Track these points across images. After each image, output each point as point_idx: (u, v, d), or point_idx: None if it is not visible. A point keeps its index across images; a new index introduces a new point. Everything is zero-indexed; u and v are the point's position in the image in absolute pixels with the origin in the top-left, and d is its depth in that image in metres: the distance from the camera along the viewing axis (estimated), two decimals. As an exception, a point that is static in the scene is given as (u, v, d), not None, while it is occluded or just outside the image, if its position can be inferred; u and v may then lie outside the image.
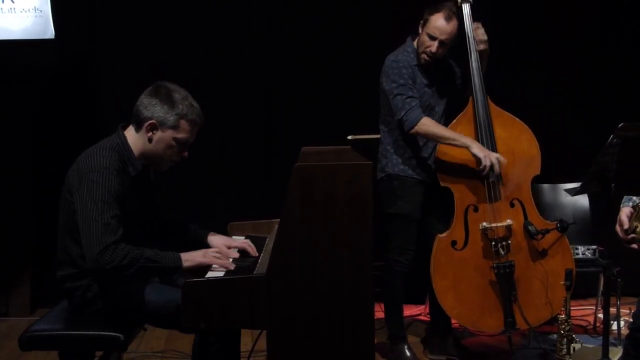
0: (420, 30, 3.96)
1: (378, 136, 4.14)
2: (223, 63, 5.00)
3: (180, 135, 2.88)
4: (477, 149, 3.78)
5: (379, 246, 2.76)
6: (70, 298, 2.96)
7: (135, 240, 2.80)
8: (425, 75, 3.98)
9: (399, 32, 4.10)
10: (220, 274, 2.81)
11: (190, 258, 2.84)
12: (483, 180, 3.85)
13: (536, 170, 3.95)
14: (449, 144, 3.83)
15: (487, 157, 3.77)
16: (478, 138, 3.87)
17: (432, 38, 3.89)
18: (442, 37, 3.87)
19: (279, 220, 2.71)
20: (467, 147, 3.79)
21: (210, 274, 2.81)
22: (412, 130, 3.84)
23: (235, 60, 5.02)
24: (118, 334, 2.81)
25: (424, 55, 3.93)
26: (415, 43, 4.00)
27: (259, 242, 3.18)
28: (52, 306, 3.08)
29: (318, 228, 2.51)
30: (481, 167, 3.79)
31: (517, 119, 3.97)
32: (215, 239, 3.15)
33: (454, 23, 3.89)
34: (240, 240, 3.13)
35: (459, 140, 3.80)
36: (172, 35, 4.95)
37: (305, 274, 2.53)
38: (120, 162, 2.86)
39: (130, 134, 2.94)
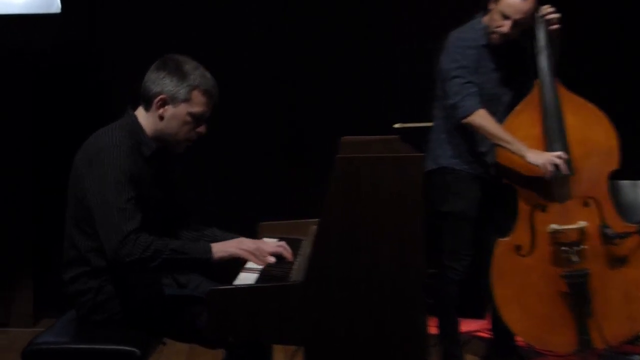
0: (491, 7, 3.88)
1: (430, 124, 4.08)
2: (243, 52, 4.98)
3: (194, 109, 2.89)
4: (534, 157, 3.74)
5: (431, 250, 2.73)
6: (78, 304, 2.94)
7: (151, 228, 2.79)
8: (493, 59, 3.90)
9: (448, 15, 4.06)
10: (252, 277, 2.76)
11: (222, 248, 2.83)
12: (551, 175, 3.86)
13: (614, 164, 3.86)
14: (502, 147, 3.78)
15: (547, 163, 3.71)
16: (545, 126, 3.81)
17: (506, 17, 3.81)
18: (517, 16, 3.80)
19: (317, 220, 2.65)
20: (521, 155, 3.75)
21: (242, 276, 2.78)
22: (465, 120, 3.79)
23: (259, 51, 5.01)
24: (134, 349, 2.78)
25: (494, 36, 3.86)
26: (484, 21, 3.92)
27: (293, 245, 3.14)
28: (58, 316, 3.08)
29: (363, 229, 2.48)
30: (543, 174, 3.73)
31: (591, 104, 3.88)
32: None
33: (531, 0, 3.82)
34: (274, 243, 3.08)
35: (513, 145, 3.75)
36: (183, 17, 4.93)
37: (347, 282, 2.49)
38: (132, 141, 2.88)
39: (141, 114, 2.95)
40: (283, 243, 3.05)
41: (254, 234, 3.32)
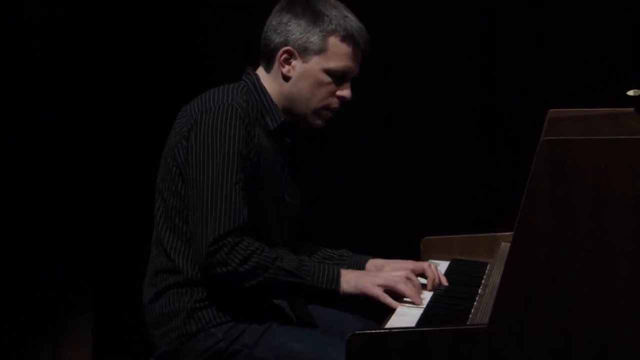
0: None
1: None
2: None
3: (332, 64, 2.80)
4: None
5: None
6: (158, 338, 2.77)
7: (260, 233, 2.69)
8: None
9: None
10: (410, 316, 2.63)
11: (353, 280, 2.72)
12: None
13: None
14: None
15: None
16: None
17: None
18: None
19: (509, 234, 2.56)
20: None
21: (397, 315, 2.64)
22: None
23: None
24: None
25: None
26: None
27: (475, 272, 3.02)
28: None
29: (584, 247, 2.28)
30: None
31: None
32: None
33: None
34: (421, 264, 2.91)
35: None
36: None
37: (560, 324, 2.30)
38: (252, 107, 2.79)
39: (261, 77, 2.87)
40: (428, 263, 2.95)
41: (414, 254, 3.17)
